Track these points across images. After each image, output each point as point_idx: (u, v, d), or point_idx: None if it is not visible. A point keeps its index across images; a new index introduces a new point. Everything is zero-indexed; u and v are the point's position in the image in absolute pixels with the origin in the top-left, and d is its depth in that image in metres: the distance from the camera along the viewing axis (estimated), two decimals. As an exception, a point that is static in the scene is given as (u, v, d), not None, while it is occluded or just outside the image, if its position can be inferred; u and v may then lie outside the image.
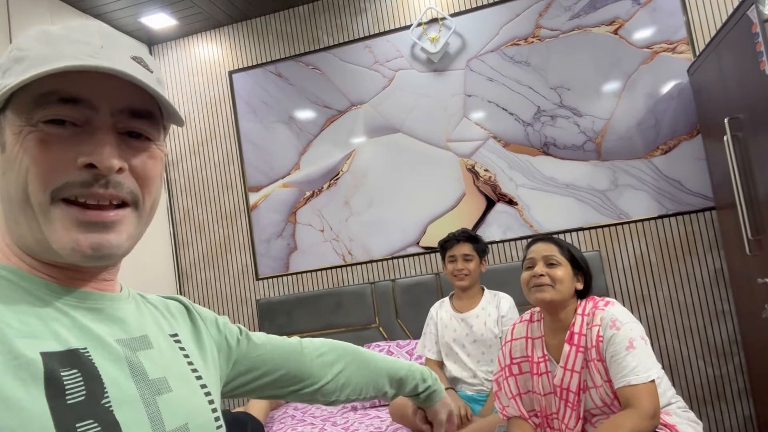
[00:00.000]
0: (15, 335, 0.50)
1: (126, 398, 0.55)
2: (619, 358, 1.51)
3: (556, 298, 1.62)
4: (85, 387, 0.52)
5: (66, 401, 0.50)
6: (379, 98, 3.31)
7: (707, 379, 2.83)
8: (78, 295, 0.59)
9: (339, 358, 0.98)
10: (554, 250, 1.67)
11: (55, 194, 0.54)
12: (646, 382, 1.48)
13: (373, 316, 3.17)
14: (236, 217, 3.52)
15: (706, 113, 2.68)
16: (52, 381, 0.50)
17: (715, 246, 2.84)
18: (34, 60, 0.54)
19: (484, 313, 2.39)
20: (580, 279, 1.68)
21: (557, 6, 3.07)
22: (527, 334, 1.75)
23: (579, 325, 1.61)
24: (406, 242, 3.24)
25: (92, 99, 0.56)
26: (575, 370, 1.59)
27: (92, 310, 0.59)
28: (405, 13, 3.30)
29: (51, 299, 0.56)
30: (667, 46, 2.92)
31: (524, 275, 1.69)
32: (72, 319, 0.56)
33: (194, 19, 3.43)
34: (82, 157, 0.54)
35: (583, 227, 3.01)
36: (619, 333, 1.53)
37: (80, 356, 0.53)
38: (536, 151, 3.08)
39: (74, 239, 0.55)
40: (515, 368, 1.75)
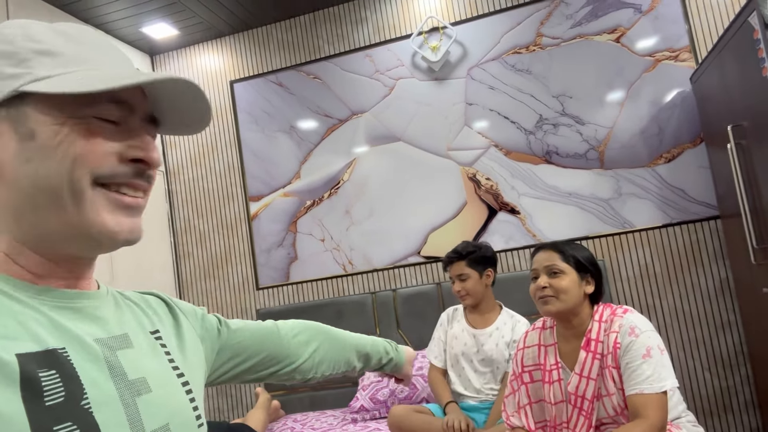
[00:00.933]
0: None
1: (105, 399, 0.54)
2: (634, 365, 1.48)
3: (562, 308, 1.59)
4: (64, 388, 0.51)
5: (44, 403, 0.49)
6: (379, 107, 3.29)
7: (713, 390, 2.78)
8: (55, 295, 0.58)
9: (313, 337, 1.02)
10: (556, 259, 1.63)
11: (97, 180, 0.57)
12: (658, 393, 1.44)
13: (374, 326, 3.14)
14: (237, 227, 3.50)
15: (709, 121, 2.65)
16: (28, 382, 0.49)
17: (720, 255, 2.80)
18: (71, 59, 0.57)
19: (498, 333, 2.28)
20: (589, 282, 1.63)
21: (558, 14, 3.06)
22: (540, 341, 1.72)
23: (596, 331, 1.58)
24: (407, 252, 3.22)
25: (132, 102, 0.61)
26: (591, 377, 1.56)
27: (70, 309, 0.59)
28: (406, 22, 3.29)
29: (27, 299, 0.55)
30: (669, 54, 2.90)
31: (531, 287, 1.67)
32: (49, 318, 0.55)
33: (195, 29, 3.44)
34: (131, 152, 0.59)
35: (586, 236, 2.98)
36: (638, 341, 1.50)
37: (58, 356, 0.53)
38: (538, 159, 3.06)
39: (118, 222, 0.58)
40: (526, 376, 1.72)
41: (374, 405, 2.73)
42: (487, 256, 2.32)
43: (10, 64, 0.56)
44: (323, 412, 2.96)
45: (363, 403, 2.73)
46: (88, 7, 3.05)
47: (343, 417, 2.81)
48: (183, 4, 3.14)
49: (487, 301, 2.34)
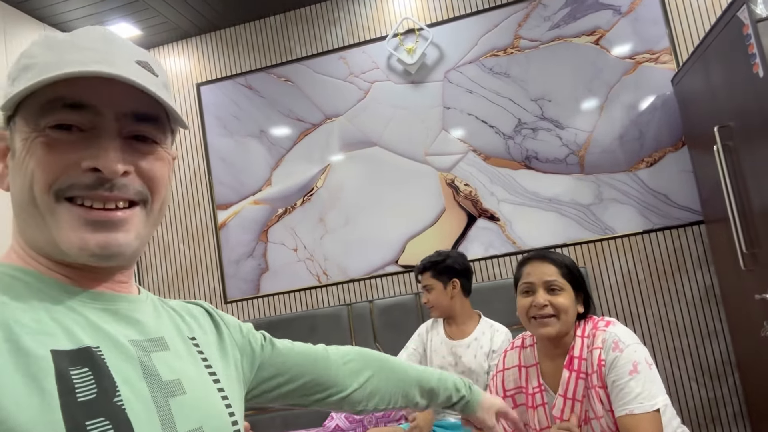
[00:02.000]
0: (25, 332, 0.50)
1: (138, 398, 0.55)
2: (622, 383, 1.33)
3: (563, 330, 1.43)
4: (96, 385, 0.52)
5: (77, 398, 0.50)
6: (354, 111, 3.17)
7: (701, 401, 2.70)
8: (92, 296, 0.59)
9: (366, 366, 0.97)
10: (555, 273, 1.44)
11: (59, 193, 0.55)
12: (650, 412, 1.32)
13: (350, 339, 2.98)
14: (203, 236, 3.32)
15: (692, 123, 2.59)
16: (62, 378, 0.50)
17: (704, 261, 2.73)
18: (41, 67, 0.55)
19: (477, 344, 2.16)
20: (580, 301, 1.47)
21: (536, 16, 2.99)
22: (520, 362, 1.56)
23: (579, 348, 1.43)
24: (384, 261, 3.08)
25: (97, 104, 0.57)
26: (576, 399, 1.42)
27: (106, 310, 0.59)
28: (381, 23, 3.19)
29: (65, 299, 0.57)
30: (649, 56, 2.84)
31: (522, 302, 1.47)
32: (85, 318, 0.56)
33: (159, 29, 3.28)
34: (86, 161, 0.56)
35: (567, 243, 2.89)
36: (622, 355, 1.35)
37: (92, 354, 0.53)
38: (518, 164, 2.97)
39: (81, 238, 0.56)
40: (509, 402, 1.56)
41: (350, 424, 2.57)
42: (451, 266, 2.19)
43: (8, 85, 0.58)
44: None
45: (338, 422, 2.58)
46: (46, 5, 2.87)
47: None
48: (146, 3, 2.98)
49: (461, 311, 2.22)
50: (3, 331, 0.49)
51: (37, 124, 0.56)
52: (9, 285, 0.55)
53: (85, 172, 0.56)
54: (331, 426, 2.58)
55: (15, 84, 0.57)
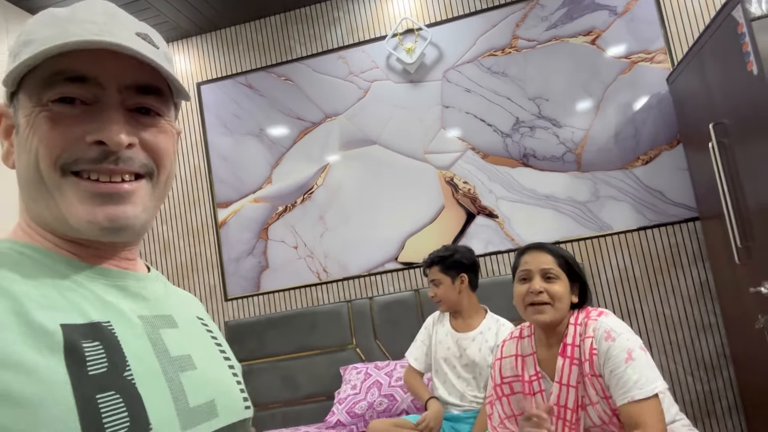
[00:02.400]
0: (34, 307, 0.50)
1: (148, 372, 0.54)
2: (619, 372, 1.37)
3: (557, 317, 1.49)
4: (107, 359, 0.51)
5: (87, 372, 0.49)
6: (354, 110, 3.20)
7: (696, 395, 2.74)
8: (101, 271, 0.59)
9: None
10: (551, 261, 1.51)
11: (65, 167, 0.55)
12: (650, 397, 1.35)
13: (350, 336, 3.01)
14: (204, 234, 3.34)
15: (687, 122, 2.64)
16: (72, 351, 0.49)
17: (699, 257, 2.78)
18: (42, 41, 0.54)
19: (482, 337, 2.20)
20: (575, 291, 1.54)
21: (534, 16, 3.03)
22: (517, 351, 1.61)
23: (572, 335, 1.48)
24: (384, 258, 3.11)
25: (99, 76, 0.56)
26: (571, 385, 1.46)
27: (115, 286, 0.59)
28: (380, 23, 3.22)
29: (73, 274, 0.56)
30: (645, 56, 2.89)
31: (519, 289, 1.53)
32: (94, 293, 0.56)
33: (160, 28, 3.29)
34: (90, 134, 0.55)
35: (564, 240, 2.93)
36: (615, 344, 1.40)
37: (102, 329, 0.53)
38: (516, 162, 3.01)
39: (90, 212, 0.55)
40: (506, 388, 1.62)
41: (351, 419, 2.59)
42: (459, 261, 2.22)
43: (10, 62, 0.58)
44: (297, 429, 2.81)
45: (340, 417, 2.60)
46: (46, 4, 2.88)
47: None
48: (147, 2, 3.00)
49: (468, 306, 2.27)
50: (13, 305, 0.49)
51: (39, 98, 0.55)
52: (17, 261, 0.54)
53: (90, 145, 0.56)
54: (333, 421, 2.60)
55: (16, 59, 0.56)
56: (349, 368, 2.83)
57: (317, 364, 3.00)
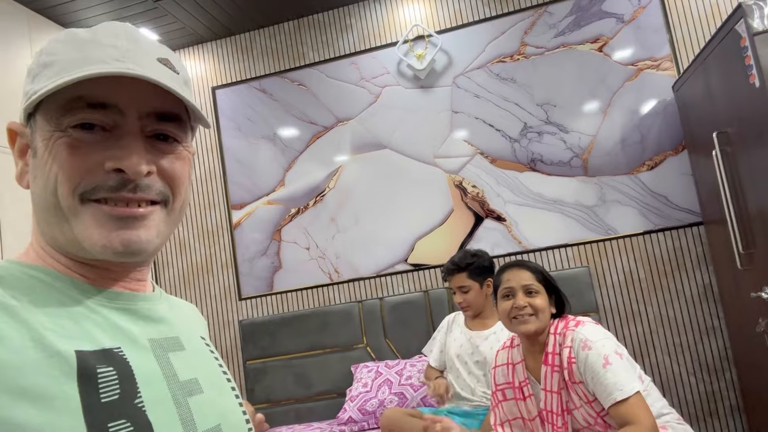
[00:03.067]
0: (50, 335, 0.50)
1: (158, 399, 0.55)
2: (599, 377, 1.49)
3: (540, 327, 1.62)
4: (119, 386, 0.52)
5: (100, 399, 0.49)
6: (365, 114, 3.28)
7: (699, 395, 2.81)
8: (111, 295, 0.59)
9: None
10: (531, 278, 1.65)
11: (84, 196, 0.55)
12: (632, 395, 1.46)
13: (361, 335, 3.09)
14: (219, 235, 3.43)
15: (692, 129, 2.70)
16: (86, 377, 0.49)
17: (703, 261, 2.84)
18: (63, 65, 0.55)
19: (494, 337, 2.27)
20: (553, 302, 1.68)
21: (542, 24, 3.09)
22: (509, 360, 1.75)
23: (552, 344, 1.61)
24: (393, 260, 3.19)
25: (119, 103, 0.56)
26: (554, 391, 1.59)
27: (125, 310, 0.59)
28: (391, 30, 3.29)
29: (84, 299, 0.56)
30: (651, 63, 2.95)
31: (504, 305, 1.66)
32: (105, 318, 0.56)
33: (176, 34, 3.38)
34: (110, 162, 0.55)
35: (571, 243, 2.99)
36: (592, 352, 1.52)
37: (114, 355, 0.53)
38: (523, 167, 3.07)
39: (105, 236, 0.56)
40: (500, 395, 1.76)
41: (363, 416, 2.68)
42: (486, 266, 2.29)
43: (28, 82, 0.58)
44: (309, 425, 2.90)
45: (351, 414, 2.68)
46: (67, 11, 2.97)
47: (331, 429, 2.75)
48: (165, 9, 3.08)
49: (487, 308, 2.34)
50: (29, 332, 0.49)
51: (59, 123, 0.55)
52: (28, 285, 0.54)
53: (109, 173, 0.56)
54: (345, 418, 2.68)
55: (36, 81, 0.56)
56: (360, 366, 2.91)
57: (329, 362, 3.08)
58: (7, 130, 0.62)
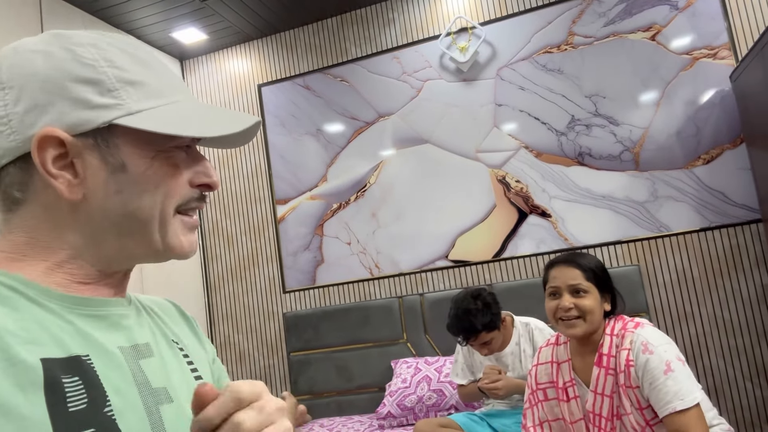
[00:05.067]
0: (15, 342, 0.49)
1: (128, 407, 0.54)
2: (659, 384, 1.39)
3: (589, 330, 1.52)
4: (86, 394, 0.51)
5: (67, 409, 0.49)
6: (407, 109, 3.26)
7: (755, 401, 2.66)
8: (80, 302, 0.58)
9: None
10: (579, 276, 1.54)
11: (179, 208, 0.61)
12: (692, 407, 1.37)
13: (401, 331, 3.09)
14: (264, 229, 3.50)
15: (751, 120, 2.54)
16: (52, 387, 0.49)
17: (762, 261, 2.68)
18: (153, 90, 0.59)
19: (518, 349, 2.21)
20: (607, 299, 1.56)
21: (591, 12, 2.98)
22: (553, 358, 1.65)
23: (608, 346, 1.51)
24: (434, 255, 3.17)
25: None
26: (606, 395, 1.49)
27: (95, 317, 0.58)
28: (434, 22, 3.25)
29: (53, 305, 0.55)
30: (707, 51, 2.79)
31: (549, 305, 1.57)
32: (73, 325, 0.55)
33: (224, 33, 3.46)
34: (200, 178, 0.63)
35: (620, 240, 2.89)
36: (653, 357, 1.42)
37: (82, 363, 0.52)
38: (570, 161, 2.98)
39: (189, 241, 0.63)
40: (540, 394, 1.66)
41: (401, 411, 2.68)
42: (496, 312, 2.15)
43: (98, 92, 0.56)
44: (350, 418, 2.93)
45: (390, 409, 2.69)
46: (120, 12, 3.09)
47: (370, 423, 2.77)
48: (212, 9, 3.16)
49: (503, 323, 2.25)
50: None
51: (163, 145, 0.59)
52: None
53: (195, 187, 0.62)
54: (384, 412, 2.70)
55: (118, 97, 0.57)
56: (400, 362, 2.92)
57: (370, 356, 3.10)
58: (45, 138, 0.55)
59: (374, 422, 2.75)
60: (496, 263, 3.07)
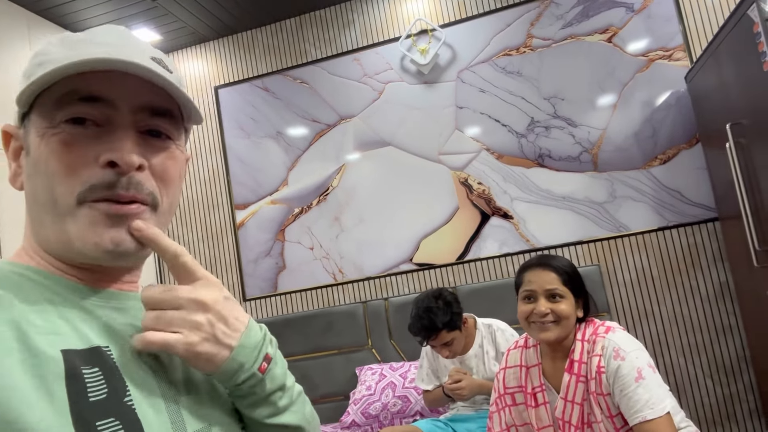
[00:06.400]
0: (35, 333, 0.50)
1: (148, 397, 0.55)
2: (629, 392, 1.36)
3: (562, 335, 1.48)
4: (106, 385, 0.52)
5: (88, 398, 0.49)
6: (368, 111, 3.22)
7: (716, 398, 2.70)
8: (102, 295, 0.59)
9: None
10: (556, 281, 1.49)
11: (80, 198, 0.55)
12: (662, 416, 1.34)
13: (366, 337, 3.04)
14: (222, 236, 3.40)
15: (706, 120, 2.59)
16: (73, 378, 0.49)
17: (719, 258, 2.73)
18: (55, 62, 0.54)
19: (482, 351, 2.17)
20: (580, 305, 1.53)
21: (549, 15, 3.00)
22: (522, 361, 1.60)
23: (579, 352, 1.47)
24: (398, 259, 3.13)
25: (111, 97, 0.56)
26: (576, 402, 1.45)
27: (116, 309, 0.59)
28: (394, 24, 3.22)
29: (74, 298, 0.57)
30: (663, 53, 2.84)
31: (523, 309, 1.51)
32: (94, 316, 0.56)
33: (178, 33, 3.35)
34: (104, 155, 0.55)
35: (581, 241, 2.90)
36: (625, 364, 1.38)
37: (102, 354, 0.53)
38: (531, 163, 2.99)
39: (98, 234, 0.55)
40: (508, 399, 1.61)
41: (366, 419, 2.62)
42: (457, 311, 2.09)
43: (23, 83, 0.57)
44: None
45: (354, 417, 2.63)
46: (67, 12, 2.96)
47: (337, 431, 2.70)
48: (164, 9, 3.05)
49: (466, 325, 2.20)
50: (13, 331, 0.49)
51: (52, 118, 0.55)
52: (18, 284, 0.54)
53: (103, 168, 0.55)
54: (348, 421, 2.63)
55: (29, 79, 0.55)
56: (365, 369, 2.86)
57: (334, 364, 3.03)
58: (2, 132, 0.62)
59: (338, 431, 2.68)
60: (459, 265, 3.04)
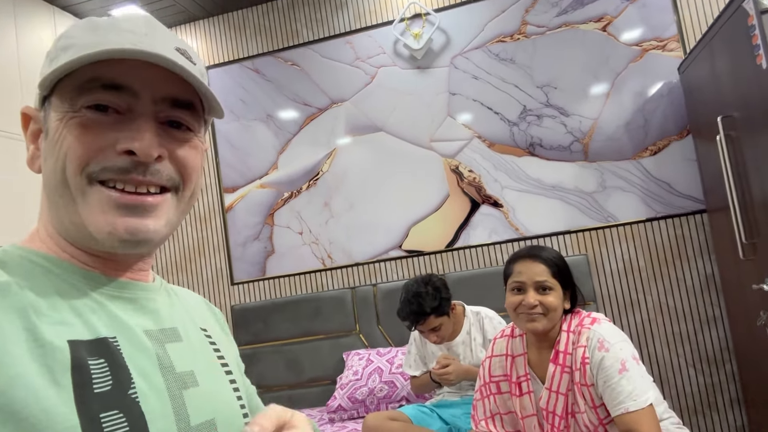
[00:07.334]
0: (43, 321, 0.50)
1: (152, 390, 0.54)
2: (613, 383, 1.37)
3: (549, 326, 1.49)
4: (111, 377, 0.51)
5: (93, 390, 0.49)
6: (360, 96, 3.18)
7: (698, 387, 2.74)
8: (112, 285, 0.59)
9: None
10: (545, 272, 1.50)
11: (92, 176, 0.55)
12: (645, 407, 1.35)
13: (354, 322, 3.04)
14: (211, 219, 3.37)
15: (697, 112, 2.59)
16: (79, 369, 0.49)
17: (706, 250, 2.75)
18: (80, 47, 0.54)
19: (469, 338, 2.19)
20: (567, 297, 1.54)
21: (544, 2, 2.97)
22: (508, 351, 1.61)
23: (564, 342, 1.48)
24: (388, 245, 3.12)
25: (134, 86, 0.56)
26: (561, 392, 1.46)
27: (125, 299, 0.59)
28: (387, 7, 3.18)
29: (84, 287, 0.56)
30: (657, 43, 2.83)
31: (511, 300, 1.52)
32: (103, 306, 0.56)
33: (167, 12, 3.29)
34: (121, 143, 0.55)
35: (569, 230, 2.91)
36: (609, 355, 1.39)
37: (108, 345, 0.53)
38: (522, 151, 2.98)
39: (111, 222, 0.55)
40: (493, 387, 1.62)
41: (352, 404, 2.63)
42: (446, 297, 2.11)
43: (45, 65, 0.58)
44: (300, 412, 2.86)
45: (341, 402, 2.64)
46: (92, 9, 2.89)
47: (320, 417, 2.71)
48: (154, -14, 2.99)
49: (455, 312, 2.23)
50: (21, 320, 0.49)
51: (73, 103, 0.55)
52: (28, 270, 0.54)
53: (120, 154, 0.55)
54: (334, 406, 2.64)
55: (53, 63, 0.56)
56: (352, 354, 2.86)
57: (321, 348, 3.04)
58: (22, 115, 0.62)
59: (324, 416, 2.69)
60: (448, 253, 3.05)
